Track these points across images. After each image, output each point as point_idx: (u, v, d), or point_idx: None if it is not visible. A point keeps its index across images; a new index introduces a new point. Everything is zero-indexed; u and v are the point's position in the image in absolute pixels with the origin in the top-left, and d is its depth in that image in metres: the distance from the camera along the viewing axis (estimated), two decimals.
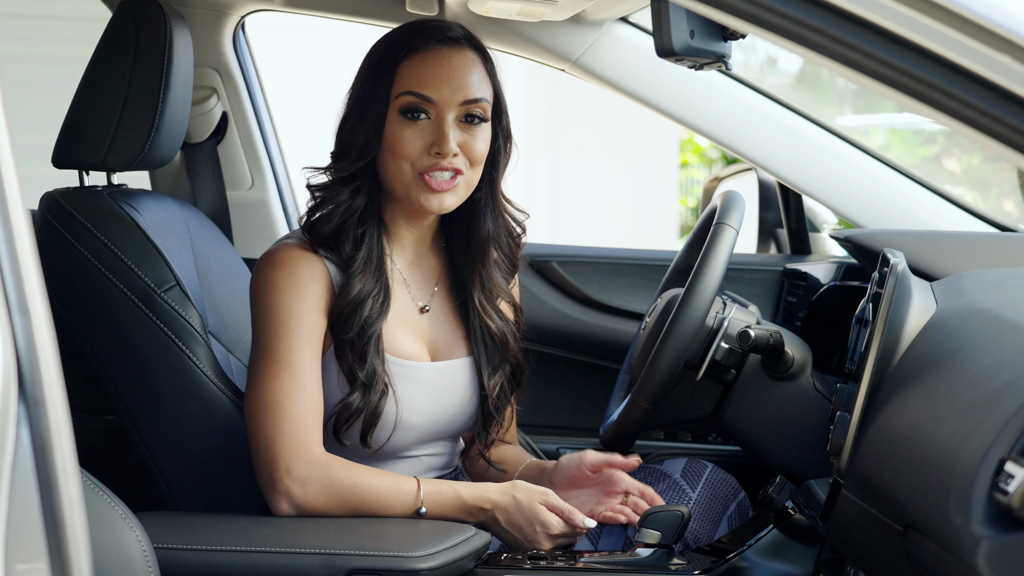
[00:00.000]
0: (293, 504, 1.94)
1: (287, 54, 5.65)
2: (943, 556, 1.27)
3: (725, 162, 9.33)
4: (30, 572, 1.14)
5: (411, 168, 2.01)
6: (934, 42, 1.26)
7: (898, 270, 1.75)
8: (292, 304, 1.98)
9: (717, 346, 2.15)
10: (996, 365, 1.38)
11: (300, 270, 2.00)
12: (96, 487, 1.47)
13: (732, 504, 2.21)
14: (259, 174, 2.89)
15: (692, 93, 2.69)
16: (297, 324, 1.98)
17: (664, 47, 1.65)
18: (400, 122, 2.01)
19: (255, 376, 1.98)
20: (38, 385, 1.17)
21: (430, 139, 2.00)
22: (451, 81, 2.01)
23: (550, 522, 1.99)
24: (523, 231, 2.20)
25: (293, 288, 1.99)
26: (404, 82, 2.01)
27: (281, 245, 2.04)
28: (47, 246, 2.13)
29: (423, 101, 2.00)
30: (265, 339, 1.99)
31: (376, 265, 2.04)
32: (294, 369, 1.96)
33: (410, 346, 2.09)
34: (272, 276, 2.00)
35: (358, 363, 2.00)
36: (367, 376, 2.00)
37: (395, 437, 2.05)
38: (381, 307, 2.03)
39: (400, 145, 2.00)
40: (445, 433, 2.14)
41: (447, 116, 2.01)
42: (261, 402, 1.96)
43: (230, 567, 1.80)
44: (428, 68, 2.01)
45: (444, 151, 1.99)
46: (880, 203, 2.64)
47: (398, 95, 2.01)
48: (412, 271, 2.14)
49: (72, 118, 2.20)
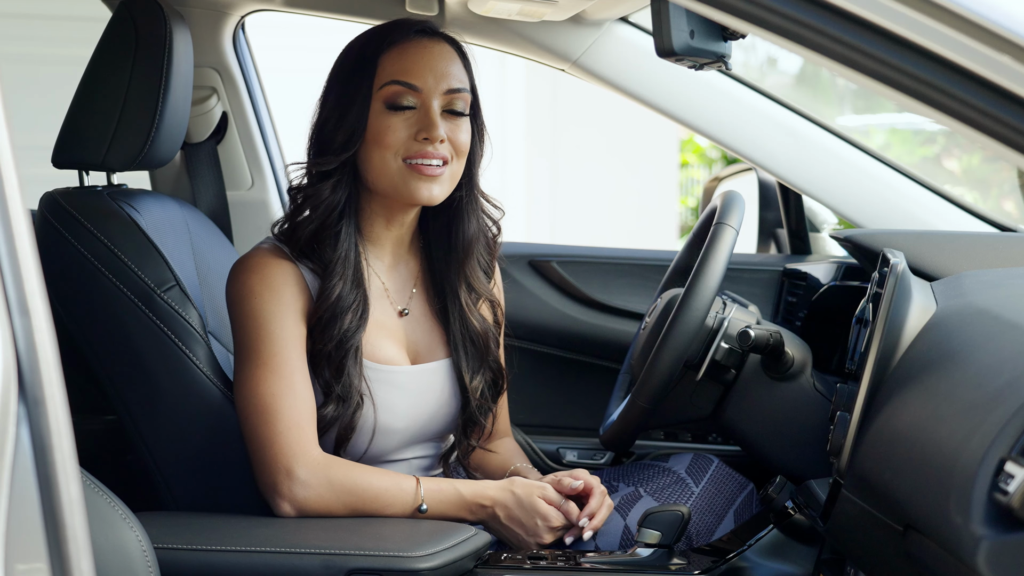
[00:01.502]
0: (295, 506, 1.94)
1: (287, 54, 5.65)
2: (943, 556, 1.27)
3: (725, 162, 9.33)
4: (30, 572, 1.14)
5: (396, 158, 2.00)
6: (934, 42, 1.26)
7: (898, 270, 1.75)
8: (269, 307, 1.98)
9: (717, 346, 2.15)
10: (996, 365, 1.38)
11: (273, 273, 2.00)
12: (96, 487, 1.47)
13: (739, 497, 2.20)
14: (259, 174, 2.89)
15: (692, 93, 2.69)
16: (278, 326, 1.98)
17: (664, 47, 1.65)
18: (385, 113, 2.01)
19: (243, 381, 1.98)
20: (38, 385, 1.17)
21: (416, 127, 2.00)
22: (434, 70, 2.02)
23: (550, 515, 2.00)
24: (499, 230, 2.19)
25: (268, 291, 1.99)
26: (387, 72, 2.01)
27: (254, 251, 2.05)
28: (47, 246, 2.13)
29: (409, 90, 2.00)
30: (248, 343, 1.98)
31: (354, 270, 2.03)
32: (281, 370, 1.96)
33: (389, 351, 2.08)
34: (246, 281, 2.00)
35: (334, 376, 1.99)
36: (343, 389, 2.00)
37: (376, 442, 2.05)
38: (360, 319, 2.02)
39: (386, 134, 2.00)
40: (428, 435, 2.14)
41: (432, 104, 2.01)
42: (252, 406, 1.96)
43: (230, 567, 1.80)
44: (411, 58, 2.02)
45: (432, 136, 1.99)
46: (880, 203, 2.64)
47: (382, 85, 2.01)
48: (390, 275, 2.13)
49: (72, 118, 2.20)
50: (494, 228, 2.18)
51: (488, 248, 2.18)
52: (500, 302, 2.23)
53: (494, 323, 2.20)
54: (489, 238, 2.18)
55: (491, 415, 2.19)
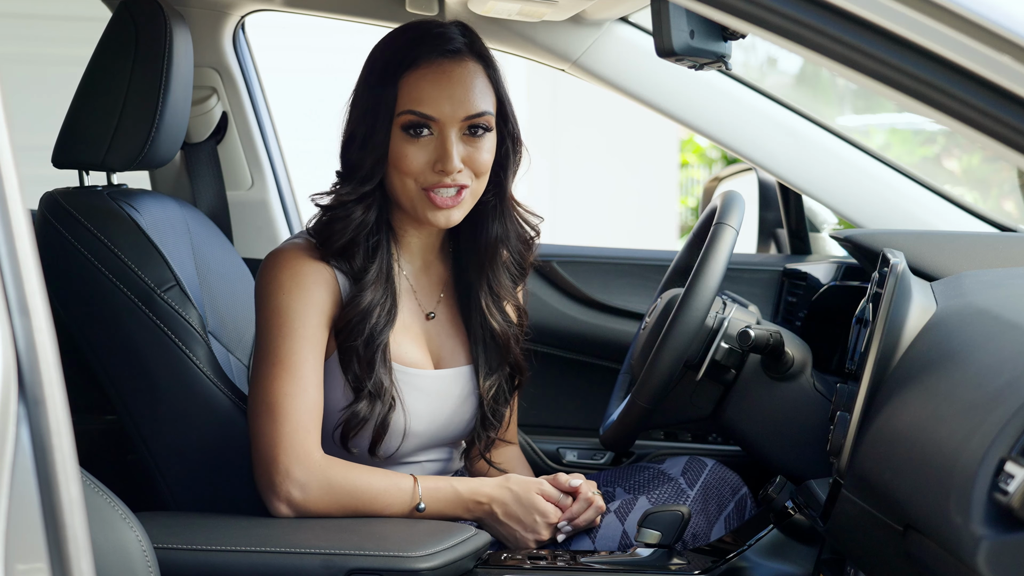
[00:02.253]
0: (292, 506, 1.94)
1: (287, 54, 5.65)
2: (943, 556, 1.27)
3: (725, 162, 9.33)
4: (30, 572, 1.14)
5: (415, 184, 2.00)
6: (934, 42, 1.26)
7: (898, 270, 1.75)
8: (296, 305, 1.98)
9: (717, 346, 2.15)
10: (996, 365, 1.38)
11: (306, 271, 2.00)
12: (96, 487, 1.47)
13: (731, 503, 2.20)
14: (259, 174, 2.89)
15: (692, 93, 2.69)
16: (301, 325, 1.97)
17: (664, 47, 1.65)
18: (403, 139, 2.00)
19: (257, 377, 1.98)
20: (38, 385, 1.17)
21: (433, 155, 1.99)
22: (452, 97, 1.99)
23: (548, 511, 2.00)
24: (536, 234, 2.19)
25: (298, 289, 1.99)
26: (405, 100, 1.99)
27: (288, 245, 2.04)
28: (47, 246, 2.13)
29: (425, 119, 1.99)
30: (268, 339, 1.99)
31: (386, 273, 2.04)
32: (296, 370, 1.96)
33: (415, 354, 2.09)
34: (277, 276, 2.00)
35: (365, 373, 2.00)
36: (374, 386, 2.00)
37: (400, 445, 2.06)
38: (388, 316, 2.03)
39: (403, 162, 1.99)
40: (444, 440, 2.14)
41: (450, 133, 1.99)
42: (263, 403, 1.96)
43: (230, 567, 1.80)
44: (429, 85, 1.99)
45: (448, 168, 1.98)
46: (880, 203, 2.64)
47: (400, 113, 2.00)
48: (419, 278, 2.14)
49: (72, 118, 2.20)
50: (531, 232, 2.17)
51: (521, 251, 2.17)
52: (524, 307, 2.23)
53: (517, 324, 2.19)
54: (525, 241, 2.17)
55: (508, 411, 2.19)
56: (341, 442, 2.02)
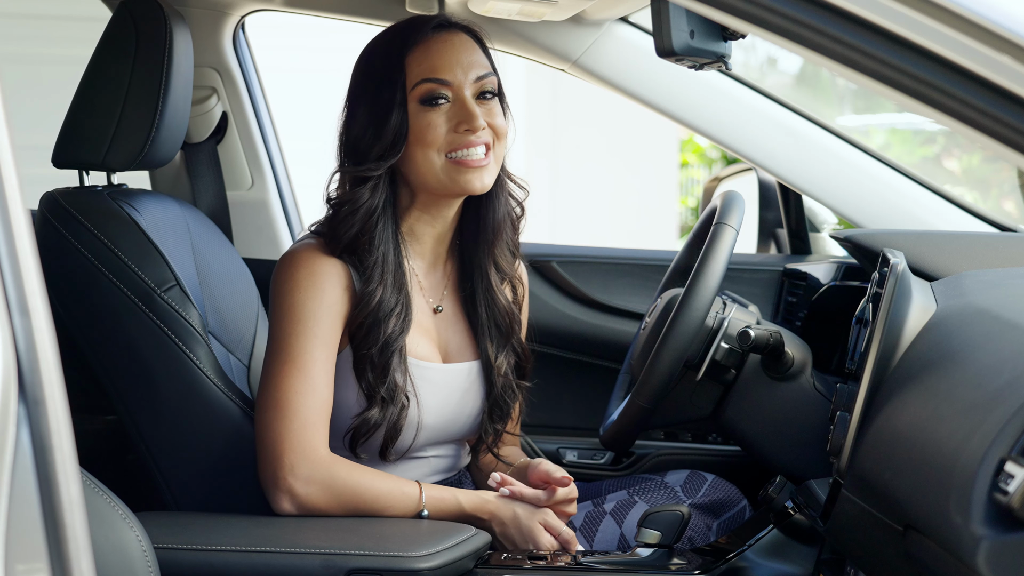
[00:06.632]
0: (295, 502, 1.94)
1: (287, 54, 5.65)
2: (943, 556, 1.27)
3: (725, 162, 9.33)
4: (30, 572, 1.14)
5: (440, 155, 2.02)
6: (934, 42, 1.26)
7: (898, 270, 1.75)
8: (311, 304, 1.99)
9: (717, 346, 2.15)
10: (996, 365, 1.38)
11: (321, 269, 2.01)
12: (96, 487, 1.47)
13: (726, 514, 2.21)
14: (259, 174, 2.89)
15: (692, 93, 2.69)
16: (315, 323, 1.98)
17: (664, 47, 1.66)
18: (423, 111, 2.02)
19: (268, 373, 1.99)
20: (38, 385, 1.17)
21: (455, 119, 2.02)
22: (460, 61, 2.04)
23: (543, 543, 1.99)
24: (523, 211, 2.20)
25: (313, 287, 1.99)
26: (416, 72, 2.03)
27: (302, 245, 2.05)
28: (47, 246, 2.13)
29: (441, 85, 2.02)
30: (281, 336, 1.99)
31: (394, 273, 2.04)
32: (307, 368, 1.97)
33: (424, 348, 2.10)
34: (294, 274, 2.01)
35: (379, 380, 2.00)
36: (387, 392, 2.00)
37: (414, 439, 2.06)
38: (403, 322, 2.04)
39: (427, 132, 2.01)
40: (452, 436, 2.14)
41: (466, 95, 2.03)
42: (272, 400, 1.97)
43: (230, 567, 1.80)
44: (436, 53, 2.03)
45: (474, 126, 2.01)
46: (880, 203, 2.64)
47: (415, 85, 2.02)
48: (428, 273, 2.14)
49: (72, 118, 2.20)
50: (518, 209, 2.19)
51: (513, 227, 2.19)
52: (524, 280, 2.25)
53: (514, 303, 2.20)
54: (514, 218, 2.18)
55: (517, 400, 2.20)
56: (351, 447, 2.02)
